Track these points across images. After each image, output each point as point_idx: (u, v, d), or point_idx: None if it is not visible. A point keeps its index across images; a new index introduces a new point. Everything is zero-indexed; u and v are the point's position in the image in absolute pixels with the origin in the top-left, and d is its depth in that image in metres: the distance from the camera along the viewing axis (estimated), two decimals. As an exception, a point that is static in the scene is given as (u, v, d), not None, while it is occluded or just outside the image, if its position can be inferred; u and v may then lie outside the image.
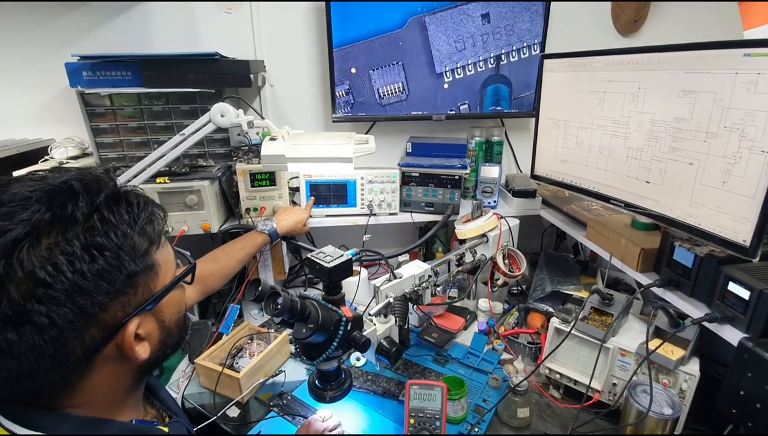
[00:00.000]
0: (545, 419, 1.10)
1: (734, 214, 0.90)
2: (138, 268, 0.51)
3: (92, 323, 0.48)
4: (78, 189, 0.48)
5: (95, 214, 0.48)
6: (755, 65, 0.83)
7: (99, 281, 0.46)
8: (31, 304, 0.43)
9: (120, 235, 0.49)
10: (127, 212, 0.51)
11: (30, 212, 0.44)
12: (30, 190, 0.46)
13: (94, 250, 0.46)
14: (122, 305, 0.50)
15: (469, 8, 1.60)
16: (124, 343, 0.51)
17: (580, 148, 1.30)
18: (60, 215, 0.45)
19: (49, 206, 0.45)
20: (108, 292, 0.48)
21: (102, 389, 0.53)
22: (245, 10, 1.62)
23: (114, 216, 0.49)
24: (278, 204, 1.47)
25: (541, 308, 1.37)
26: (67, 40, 1.53)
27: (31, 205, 0.45)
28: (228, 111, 1.19)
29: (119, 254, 0.48)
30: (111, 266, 0.47)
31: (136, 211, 0.52)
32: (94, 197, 0.48)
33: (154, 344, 0.55)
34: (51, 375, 0.48)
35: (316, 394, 0.92)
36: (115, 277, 0.48)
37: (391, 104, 1.71)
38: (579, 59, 1.26)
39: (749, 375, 0.84)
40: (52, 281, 0.43)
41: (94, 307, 0.47)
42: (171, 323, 0.58)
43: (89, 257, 0.46)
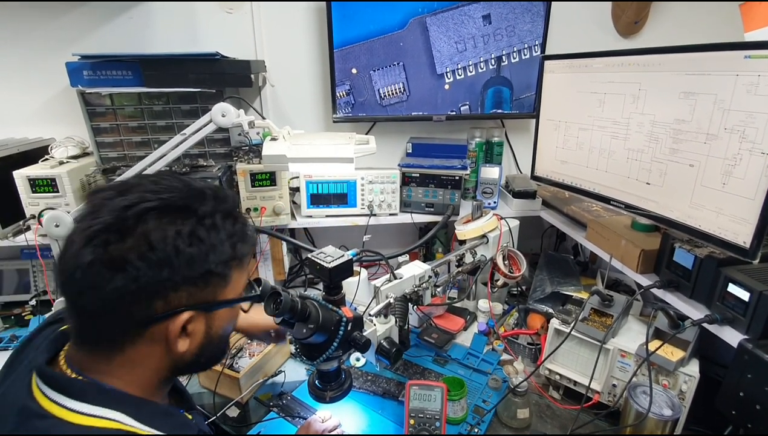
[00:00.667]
0: (545, 420, 1.10)
1: (734, 215, 0.90)
2: (217, 270, 0.58)
3: (162, 296, 0.54)
4: (209, 195, 0.59)
5: (210, 217, 0.57)
6: (756, 67, 0.84)
7: (185, 264, 0.54)
8: (132, 255, 0.51)
9: (218, 238, 0.58)
10: (232, 226, 0.60)
11: (169, 195, 0.56)
12: (178, 182, 0.59)
13: (194, 237, 0.55)
14: (189, 295, 0.56)
15: (470, 9, 1.60)
16: (172, 328, 0.56)
17: (581, 149, 1.30)
18: (187, 205, 0.56)
19: (185, 197, 0.57)
20: (185, 276, 0.55)
21: (143, 367, 0.58)
22: (246, 10, 1.62)
23: (222, 223, 0.59)
24: (279, 204, 1.47)
25: (541, 309, 1.37)
26: (68, 39, 1.53)
27: (174, 192, 0.57)
28: (229, 111, 1.19)
29: (209, 252, 0.56)
30: (199, 257, 0.55)
31: (237, 229, 0.61)
32: (216, 205, 0.59)
33: (195, 344, 0.60)
34: (114, 326, 0.55)
35: (316, 394, 0.92)
36: (197, 267, 0.55)
37: (391, 105, 1.71)
38: (580, 60, 1.26)
39: (749, 377, 0.84)
40: (157, 246, 0.52)
41: (170, 282, 0.54)
42: (216, 333, 0.62)
43: (189, 242, 0.54)
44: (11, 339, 1.40)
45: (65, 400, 0.53)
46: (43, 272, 1.53)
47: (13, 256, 1.58)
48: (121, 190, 0.55)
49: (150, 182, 0.57)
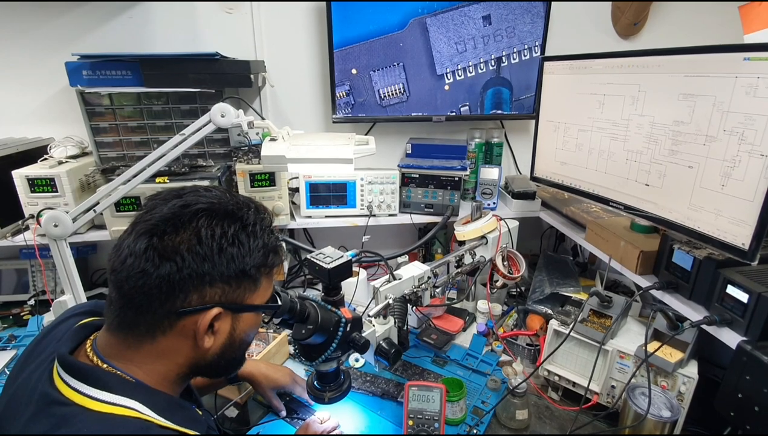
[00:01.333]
0: (544, 421, 1.10)
1: (733, 217, 0.90)
2: (249, 272, 0.63)
3: (198, 289, 0.59)
4: (252, 207, 0.66)
5: (252, 225, 0.63)
6: (755, 69, 0.84)
7: (224, 261, 0.60)
8: (184, 247, 0.57)
9: (255, 244, 0.63)
10: (268, 236, 0.66)
11: (221, 201, 0.63)
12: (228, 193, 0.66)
13: (236, 239, 0.61)
14: (222, 292, 0.61)
15: (470, 10, 1.60)
16: (202, 323, 0.60)
17: (580, 150, 1.30)
18: (234, 212, 0.63)
19: (234, 205, 0.63)
20: (221, 274, 0.60)
21: (165, 359, 0.62)
22: (246, 10, 1.62)
23: (261, 232, 0.65)
24: (278, 204, 1.47)
25: (540, 310, 1.37)
26: (68, 39, 1.53)
27: (224, 199, 0.64)
28: (228, 111, 1.19)
29: (245, 254, 0.62)
30: (236, 257, 0.61)
31: (272, 240, 0.67)
32: (257, 215, 0.65)
33: (218, 343, 0.64)
34: (152, 313, 0.58)
35: (315, 395, 0.92)
36: (233, 266, 0.60)
37: (391, 105, 1.71)
38: (579, 62, 1.26)
39: (747, 378, 0.84)
40: (204, 241, 0.58)
41: (207, 277, 0.59)
42: (238, 337, 0.66)
43: (231, 241, 0.60)
44: (9, 339, 1.39)
45: (86, 388, 0.56)
46: (42, 272, 1.53)
47: (11, 255, 1.58)
48: (178, 194, 0.63)
49: (203, 190, 0.65)
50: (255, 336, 0.73)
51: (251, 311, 0.66)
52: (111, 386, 0.56)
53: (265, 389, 1.08)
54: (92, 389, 0.56)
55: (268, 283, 0.68)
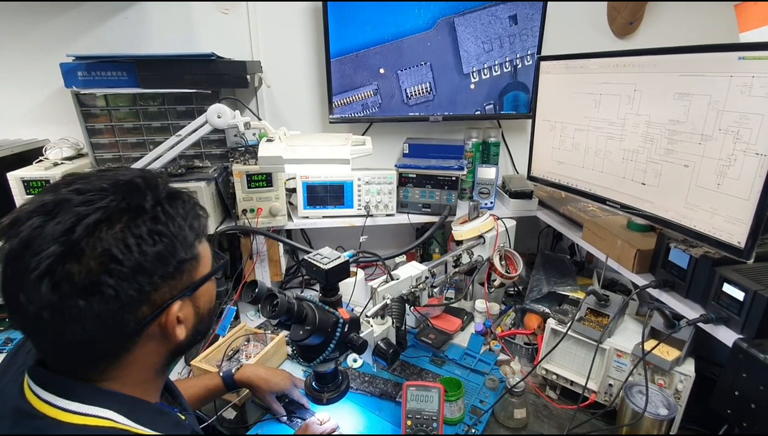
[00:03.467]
0: (542, 420, 1.10)
1: (729, 216, 0.91)
2: (186, 256, 0.58)
3: (146, 300, 0.54)
4: (142, 185, 0.56)
5: (159, 207, 0.55)
6: (750, 68, 0.84)
7: (157, 263, 0.54)
8: (104, 276, 0.50)
9: (176, 225, 0.56)
10: (181, 208, 0.59)
11: (108, 201, 0.52)
12: (105, 183, 0.54)
13: (156, 235, 0.54)
14: (170, 288, 0.57)
15: (497, 9, 1.60)
16: (167, 322, 0.57)
17: (577, 149, 1.30)
18: (132, 205, 0.53)
19: (123, 197, 0.53)
20: (162, 274, 0.55)
21: (140, 365, 0.58)
22: (242, 11, 1.61)
23: (172, 209, 0.57)
24: (275, 205, 1.47)
25: (538, 309, 1.38)
26: (63, 40, 1.52)
27: (107, 196, 0.52)
28: (225, 112, 1.19)
29: (174, 242, 0.56)
30: (167, 252, 0.55)
31: (188, 208, 0.60)
32: (156, 193, 0.56)
33: (189, 327, 0.61)
34: (106, 345, 0.54)
35: (314, 396, 0.92)
36: (168, 261, 0.55)
37: (418, 104, 1.71)
38: (575, 61, 1.27)
39: (744, 376, 0.84)
40: (124, 258, 0.50)
41: (149, 286, 0.53)
42: (204, 310, 0.64)
43: (152, 241, 0.53)
44: (5, 342, 1.38)
45: (57, 400, 0.53)
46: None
47: (7, 258, 1.57)
48: (49, 213, 0.50)
49: (72, 193, 0.51)
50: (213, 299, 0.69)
51: (205, 283, 0.62)
52: (84, 397, 0.54)
53: (264, 393, 1.07)
54: (64, 401, 0.53)
55: (204, 245, 0.64)
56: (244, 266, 1.56)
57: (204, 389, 1.05)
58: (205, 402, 1.07)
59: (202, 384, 1.05)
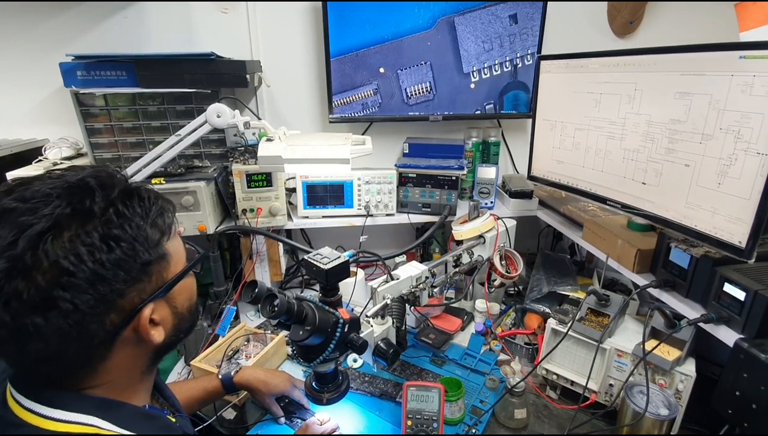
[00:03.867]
0: (542, 420, 1.10)
1: (730, 215, 0.90)
2: (151, 257, 0.54)
3: (111, 308, 0.51)
4: (94, 185, 0.52)
5: (111, 209, 0.51)
6: (751, 67, 0.84)
7: (117, 270, 0.50)
8: (56, 291, 0.46)
9: (134, 227, 0.52)
10: (139, 206, 0.54)
11: (52, 208, 0.48)
12: (50, 188, 0.50)
13: (111, 241, 0.50)
14: (138, 292, 0.54)
15: (498, 9, 1.60)
16: (140, 327, 0.54)
17: (577, 149, 1.30)
18: (79, 210, 0.49)
19: (69, 202, 0.49)
20: (125, 280, 0.51)
21: (121, 369, 0.56)
22: (242, 10, 1.61)
23: (128, 210, 0.53)
24: (275, 205, 1.47)
25: (538, 309, 1.38)
26: (62, 39, 1.52)
27: (52, 201, 0.48)
28: (224, 112, 1.19)
29: (134, 245, 0.52)
30: (127, 256, 0.51)
31: (148, 205, 0.55)
32: (109, 193, 0.52)
33: (168, 328, 0.59)
34: (76, 357, 0.52)
35: (314, 396, 0.92)
36: (131, 266, 0.52)
37: (418, 104, 1.71)
38: (575, 60, 1.26)
39: (745, 376, 0.84)
40: (75, 270, 0.47)
41: (112, 293, 0.50)
42: (183, 309, 0.61)
43: (107, 248, 0.49)
44: None
45: (40, 408, 0.51)
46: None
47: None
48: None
49: (16, 202, 0.47)
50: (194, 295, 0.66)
51: (180, 281, 0.59)
52: (66, 404, 0.52)
53: (263, 395, 1.07)
54: (46, 408, 0.51)
55: (175, 241, 0.60)
56: (244, 266, 1.56)
57: (203, 392, 1.04)
58: (204, 405, 1.07)
59: (201, 386, 1.05)
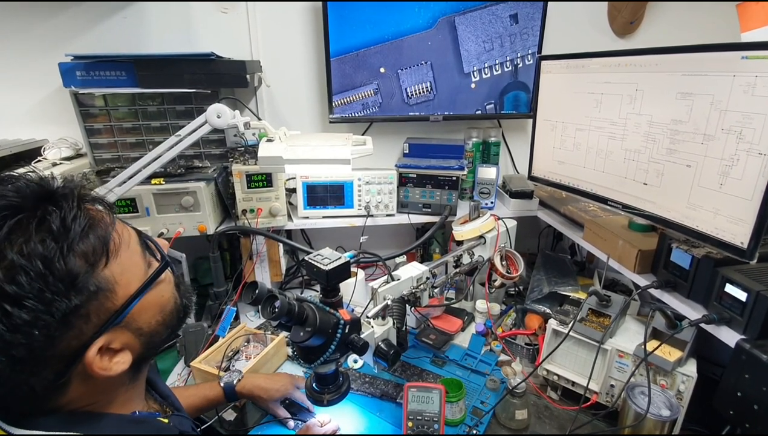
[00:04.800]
0: (543, 421, 1.10)
1: (732, 216, 0.90)
2: (75, 302, 0.42)
3: (45, 363, 0.43)
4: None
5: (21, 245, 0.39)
6: (753, 68, 0.84)
7: (30, 331, 0.40)
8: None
9: (38, 274, 0.40)
10: (48, 234, 0.41)
11: None
12: None
13: (7, 305, 0.39)
14: (75, 336, 0.44)
15: (498, 9, 1.60)
16: (93, 366, 0.46)
17: (578, 149, 1.30)
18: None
19: None
20: (47, 336, 0.41)
21: (93, 390, 0.51)
22: (241, 10, 1.60)
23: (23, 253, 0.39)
24: (275, 205, 1.46)
25: (539, 310, 1.37)
26: (61, 39, 1.51)
27: None
28: (224, 112, 1.18)
29: (42, 296, 0.40)
30: (38, 312, 0.40)
31: (62, 228, 0.42)
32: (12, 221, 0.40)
33: (137, 350, 0.51)
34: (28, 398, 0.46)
35: (314, 397, 0.91)
36: (47, 322, 0.41)
37: (418, 104, 1.70)
38: (576, 61, 1.26)
39: (746, 377, 0.84)
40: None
41: (37, 351, 0.42)
42: (151, 326, 0.52)
43: (3, 314, 0.39)
44: None
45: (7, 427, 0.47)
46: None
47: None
48: None
49: None
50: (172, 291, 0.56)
51: (137, 301, 0.49)
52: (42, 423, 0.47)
53: (266, 402, 1.07)
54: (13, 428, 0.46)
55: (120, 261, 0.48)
56: (244, 267, 1.56)
57: (203, 399, 1.04)
58: (204, 411, 1.06)
59: (202, 394, 1.04)
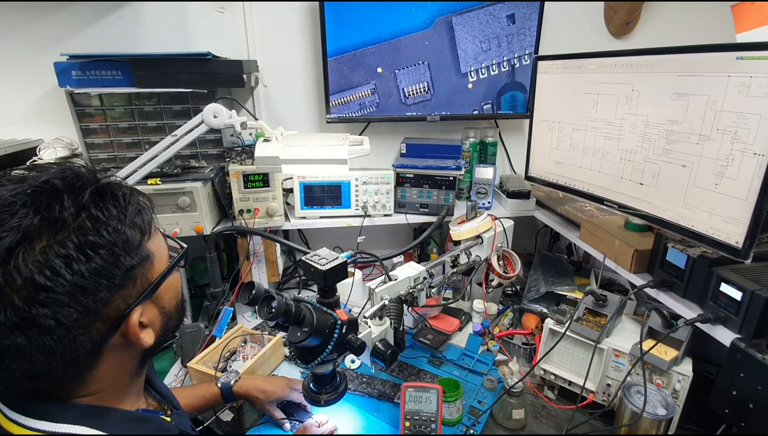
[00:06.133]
0: (540, 420, 1.10)
1: (727, 216, 0.91)
2: (134, 260, 0.52)
3: (97, 318, 0.49)
4: (61, 188, 0.48)
5: (83, 214, 0.47)
6: (748, 68, 0.84)
7: (98, 279, 0.47)
8: (35, 308, 0.44)
9: (111, 230, 0.49)
10: (114, 207, 0.51)
11: (18, 218, 0.44)
12: (12, 195, 0.45)
13: (88, 249, 0.46)
14: (123, 298, 0.51)
15: (495, 9, 1.60)
16: (129, 332, 0.53)
17: (574, 149, 1.30)
18: (49, 218, 0.45)
19: (36, 210, 0.45)
20: (108, 288, 0.49)
21: (110, 376, 0.55)
22: (238, 9, 1.60)
23: (102, 213, 0.49)
24: (272, 205, 1.46)
25: (536, 309, 1.38)
26: (57, 39, 1.51)
27: (17, 211, 0.44)
28: (221, 112, 1.18)
29: (113, 250, 0.49)
30: (108, 263, 0.48)
31: (123, 204, 0.52)
32: (78, 195, 0.48)
33: (157, 329, 0.57)
34: (63, 370, 0.50)
35: (311, 397, 0.91)
36: (113, 272, 0.49)
37: (416, 104, 1.71)
38: (572, 61, 1.26)
39: (742, 375, 0.84)
40: (52, 285, 0.44)
41: (97, 304, 0.48)
42: (170, 307, 0.60)
43: (85, 257, 0.46)
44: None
45: (25, 420, 0.50)
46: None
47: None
48: None
49: None
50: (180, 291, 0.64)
51: (164, 280, 0.57)
52: (53, 416, 0.50)
53: (264, 404, 1.07)
54: (31, 420, 0.49)
55: (155, 239, 0.57)
56: (241, 267, 1.56)
57: (200, 400, 1.04)
58: (201, 412, 1.06)
59: (198, 395, 1.04)
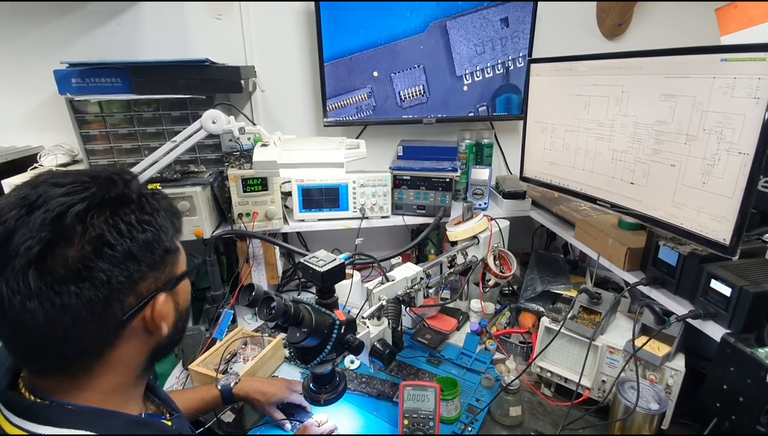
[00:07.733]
0: (537, 417, 1.12)
1: (714, 213, 0.93)
2: (171, 246, 0.59)
3: (132, 289, 0.54)
4: (119, 179, 0.56)
5: (143, 198, 0.57)
6: (732, 70, 0.86)
7: (145, 251, 0.55)
8: (96, 260, 0.50)
9: (160, 217, 0.58)
10: (163, 199, 0.61)
11: (91, 192, 0.52)
12: (84, 177, 0.54)
13: (144, 224, 0.55)
14: (155, 279, 0.57)
15: (489, 12, 1.63)
16: (152, 315, 0.57)
17: (567, 150, 1.32)
18: (117, 194, 0.54)
19: (108, 189, 0.54)
20: (149, 263, 0.55)
21: (121, 366, 0.58)
22: (235, 15, 1.62)
23: (156, 202, 0.59)
24: (271, 209, 1.48)
25: (532, 308, 1.40)
26: (56, 46, 1.52)
27: (90, 187, 0.53)
28: (219, 117, 1.20)
29: (159, 232, 0.57)
30: (154, 240, 0.56)
31: (166, 205, 0.61)
32: (137, 186, 0.58)
33: (170, 324, 0.61)
34: (89, 339, 0.53)
35: (311, 397, 0.93)
36: (155, 249, 0.56)
37: (411, 107, 1.73)
38: (565, 63, 1.29)
39: (732, 369, 0.86)
40: (116, 243, 0.51)
41: (138, 273, 0.54)
42: (183, 307, 0.65)
43: (141, 229, 0.55)
44: None
45: (29, 425, 0.52)
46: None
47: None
48: (31, 205, 0.49)
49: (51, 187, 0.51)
50: None
51: (185, 278, 0.64)
52: (55, 420, 0.52)
53: (263, 405, 1.08)
54: (34, 425, 0.51)
55: (181, 246, 0.65)
56: (241, 270, 1.57)
57: (200, 402, 1.05)
58: (201, 414, 1.08)
59: (199, 397, 1.06)
